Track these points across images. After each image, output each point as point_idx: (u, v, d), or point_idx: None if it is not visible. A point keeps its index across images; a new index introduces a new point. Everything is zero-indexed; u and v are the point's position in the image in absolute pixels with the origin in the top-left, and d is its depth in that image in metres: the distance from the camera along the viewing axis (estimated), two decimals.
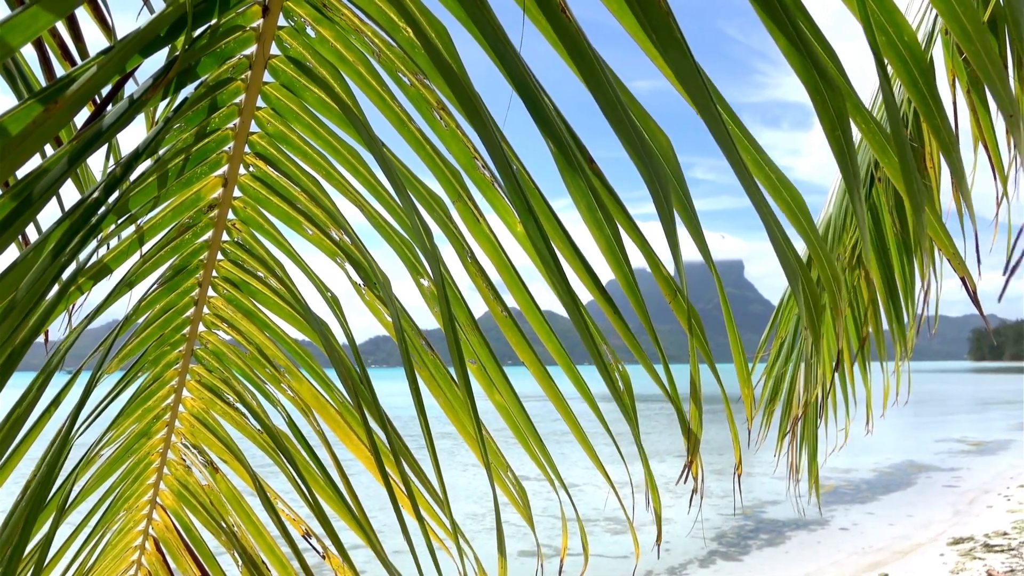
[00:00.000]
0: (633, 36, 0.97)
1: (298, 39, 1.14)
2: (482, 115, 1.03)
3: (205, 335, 1.45)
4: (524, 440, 1.35)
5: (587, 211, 1.09)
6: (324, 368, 1.48)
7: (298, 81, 1.18)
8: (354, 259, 1.34)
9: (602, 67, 0.95)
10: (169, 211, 1.23)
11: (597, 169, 1.08)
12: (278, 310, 1.42)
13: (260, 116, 1.21)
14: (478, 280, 1.27)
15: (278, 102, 1.20)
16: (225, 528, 1.58)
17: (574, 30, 0.95)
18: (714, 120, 0.82)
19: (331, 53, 1.15)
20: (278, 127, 1.23)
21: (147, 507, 1.59)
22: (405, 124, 1.19)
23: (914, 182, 0.86)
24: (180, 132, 1.14)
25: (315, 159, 1.26)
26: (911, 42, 0.85)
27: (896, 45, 0.86)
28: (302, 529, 1.58)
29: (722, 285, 1.14)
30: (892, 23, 0.85)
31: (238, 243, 1.35)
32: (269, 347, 1.45)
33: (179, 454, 1.56)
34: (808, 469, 3.50)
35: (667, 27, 0.88)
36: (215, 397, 1.50)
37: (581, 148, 1.06)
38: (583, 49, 0.95)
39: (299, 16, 1.12)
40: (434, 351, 1.38)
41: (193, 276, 1.35)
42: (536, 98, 0.98)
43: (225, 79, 1.13)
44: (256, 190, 1.29)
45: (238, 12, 1.07)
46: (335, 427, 1.49)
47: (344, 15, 1.12)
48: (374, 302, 1.39)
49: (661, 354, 1.24)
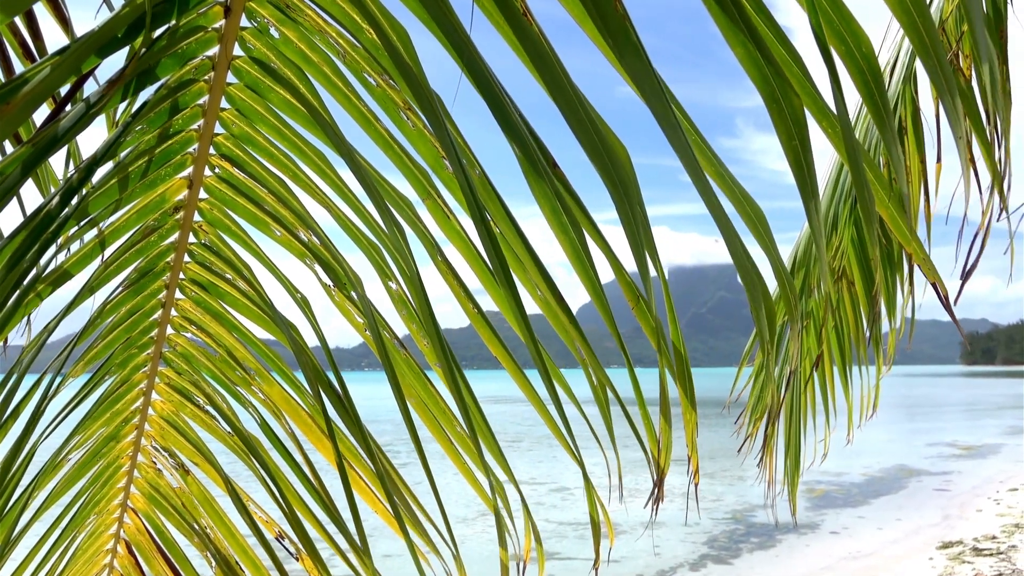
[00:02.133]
0: (594, 41, 0.97)
1: (262, 40, 1.14)
2: (440, 118, 1.03)
3: (174, 338, 1.44)
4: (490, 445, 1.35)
5: (552, 215, 1.09)
6: (295, 370, 1.47)
7: (263, 82, 1.17)
8: (323, 260, 1.34)
9: (563, 71, 0.95)
10: (133, 213, 1.23)
11: (560, 174, 1.08)
12: (247, 312, 1.41)
13: (225, 117, 1.21)
14: (449, 278, 1.27)
15: (243, 103, 1.20)
16: (198, 530, 1.57)
17: (535, 34, 0.96)
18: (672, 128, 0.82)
19: (296, 54, 1.15)
20: (243, 128, 1.22)
21: (118, 510, 1.58)
22: (372, 124, 1.19)
23: (864, 189, 0.86)
24: (142, 134, 1.14)
25: (282, 160, 1.25)
26: (868, 53, 0.86)
27: (854, 55, 0.86)
28: (275, 531, 1.57)
29: (669, 293, 1.14)
30: (850, 32, 0.86)
31: (205, 245, 1.35)
32: (239, 349, 1.45)
33: (149, 457, 1.55)
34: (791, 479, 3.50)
35: (624, 31, 0.88)
36: (185, 400, 1.49)
37: (544, 152, 1.06)
38: (544, 53, 0.95)
39: (262, 17, 1.12)
40: (408, 352, 1.38)
41: (160, 279, 1.34)
42: (500, 101, 0.98)
43: (188, 80, 1.13)
44: (222, 192, 1.29)
45: (199, 13, 1.07)
46: (306, 430, 1.49)
47: (308, 16, 1.11)
48: (344, 303, 1.38)
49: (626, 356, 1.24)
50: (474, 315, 1.27)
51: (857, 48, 0.86)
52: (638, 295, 1.08)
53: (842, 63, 0.87)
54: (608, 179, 0.95)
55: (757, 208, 0.96)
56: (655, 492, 1.24)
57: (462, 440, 1.38)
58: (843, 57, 0.87)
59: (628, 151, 1.00)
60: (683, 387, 1.15)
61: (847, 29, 0.86)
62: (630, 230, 0.94)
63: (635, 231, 0.95)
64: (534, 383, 1.29)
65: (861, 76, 0.87)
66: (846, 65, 0.87)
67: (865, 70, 0.87)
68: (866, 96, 0.86)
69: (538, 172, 1.04)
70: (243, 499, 1.50)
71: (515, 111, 1.01)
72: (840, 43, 0.86)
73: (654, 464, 1.27)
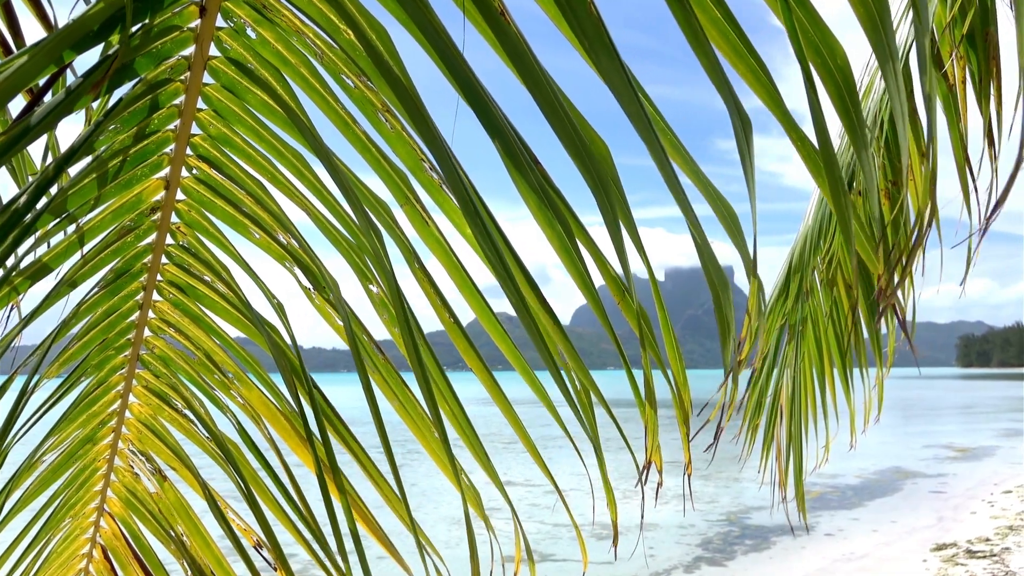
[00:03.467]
0: (570, 41, 0.95)
1: (238, 40, 1.12)
2: (425, 117, 1.01)
3: (151, 340, 1.42)
4: (473, 447, 1.33)
5: (538, 210, 1.07)
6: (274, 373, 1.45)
7: (240, 83, 1.16)
8: (303, 263, 1.32)
9: (542, 70, 0.93)
10: (109, 213, 1.21)
11: (543, 171, 1.06)
12: (226, 315, 1.39)
13: (202, 118, 1.19)
14: (425, 285, 1.26)
15: (220, 104, 1.18)
16: (174, 537, 1.55)
17: (513, 33, 0.94)
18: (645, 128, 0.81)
19: (273, 55, 1.13)
20: (221, 129, 1.20)
21: (94, 514, 1.56)
22: (350, 126, 1.17)
23: (842, 196, 0.85)
24: (117, 133, 1.12)
25: (260, 162, 1.24)
26: (843, 65, 0.85)
27: (828, 66, 0.85)
28: (253, 540, 1.55)
29: (657, 288, 1.12)
30: (826, 45, 0.85)
31: (183, 247, 1.33)
32: (218, 353, 1.43)
33: (127, 461, 1.53)
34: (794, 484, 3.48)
35: (598, 32, 0.86)
36: (163, 403, 1.47)
37: (526, 148, 1.04)
38: (522, 52, 0.93)
39: (239, 17, 1.10)
40: (385, 356, 1.36)
41: (137, 280, 1.32)
42: (480, 98, 0.96)
43: (163, 80, 1.11)
44: (200, 193, 1.27)
45: (174, 12, 1.05)
46: (286, 436, 1.47)
47: (285, 16, 1.10)
48: (324, 306, 1.36)
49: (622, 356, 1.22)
50: (449, 323, 1.25)
51: (832, 60, 0.85)
52: (623, 289, 1.07)
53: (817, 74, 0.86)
54: (588, 176, 0.93)
55: (730, 208, 0.94)
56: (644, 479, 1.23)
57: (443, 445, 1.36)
58: (818, 69, 0.86)
59: (609, 148, 0.99)
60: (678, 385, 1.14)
61: (822, 41, 0.85)
62: (612, 226, 0.93)
63: (615, 227, 0.93)
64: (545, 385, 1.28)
65: (836, 89, 0.86)
66: (821, 77, 0.86)
67: (840, 82, 0.85)
68: (840, 109, 0.85)
69: (520, 167, 1.02)
70: (221, 506, 1.48)
71: (496, 107, 0.99)
72: (815, 54, 0.85)
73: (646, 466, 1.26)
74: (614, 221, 0.90)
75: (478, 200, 1.15)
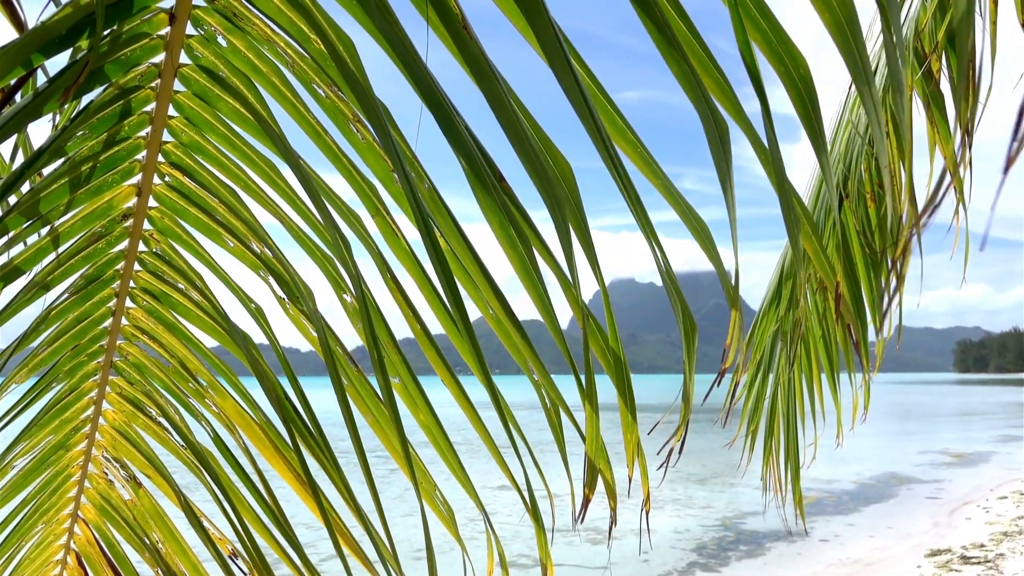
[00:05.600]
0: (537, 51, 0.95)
1: (209, 48, 1.12)
2: (385, 127, 1.00)
3: (125, 347, 1.41)
4: (446, 457, 1.33)
5: (500, 228, 1.07)
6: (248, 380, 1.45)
7: (211, 91, 1.15)
8: (276, 272, 1.31)
9: (503, 86, 0.93)
10: (79, 219, 1.20)
11: (507, 187, 1.06)
12: (200, 323, 1.38)
13: (173, 125, 1.18)
14: (397, 295, 1.25)
15: (191, 111, 1.17)
16: (149, 545, 1.54)
17: (475, 48, 0.93)
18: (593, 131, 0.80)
19: (244, 63, 1.13)
20: (193, 137, 1.20)
21: (68, 521, 1.55)
22: (321, 136, 1.17)
23: (791, 210, 0.84)
24: (86, 139, 1.11)
25: (232, 170, 1.23)
26: (806, 75, 0.84)
27: (793, 77, 0.84)
28: (228, 548, 1.54)
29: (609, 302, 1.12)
30: (788, 55, 0.84)
31: (157, 254, 1.32)
32: (192, 361, 1.42)
33: (101, 468, 1.52)
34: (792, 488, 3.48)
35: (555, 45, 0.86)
36: (137, 411, 1.46)
37: (491, 166, 1.04)
38: (484, 68, 0.93)
39: (209, 25, 1.10)
40: (358, 367, 1.35)
41: (109, 286, 1.31)
42: (447, 114, 0.96)
43: (133, 87, 1.10)
44: (173, 200, 1.26)
45: (143, 19, 1.05)
46: (260, 445, 1.46)
47: (255, 25, 1.09)
48: (298, 316, 1.36)
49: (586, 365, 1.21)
50: (420, 333, 1.25)
51: (795, 70, 0.84)
52: (584, 312, 1.06)
53: (781, 83, 0.86)
54: (544, 193, 0.93)
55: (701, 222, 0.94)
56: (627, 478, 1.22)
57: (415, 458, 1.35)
58: (782, 78, 0.86)
59: (571, 167, 0.98)
60: (623, 395, 1.14)
61: (785, 51, 0.84)
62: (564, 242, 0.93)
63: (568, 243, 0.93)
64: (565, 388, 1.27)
65: (799, 98, 0.85)
66: (785, 86, 0.86)
67: (803, 91, 0.85)
68: (803, 117, 0.85)
69: (485, 186, 1.02)
70: (196, 514, 1.48)
71: (462, 124, 0.99)
72: (779, 64, 0.85)
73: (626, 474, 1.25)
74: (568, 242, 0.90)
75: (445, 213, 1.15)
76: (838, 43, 0.87)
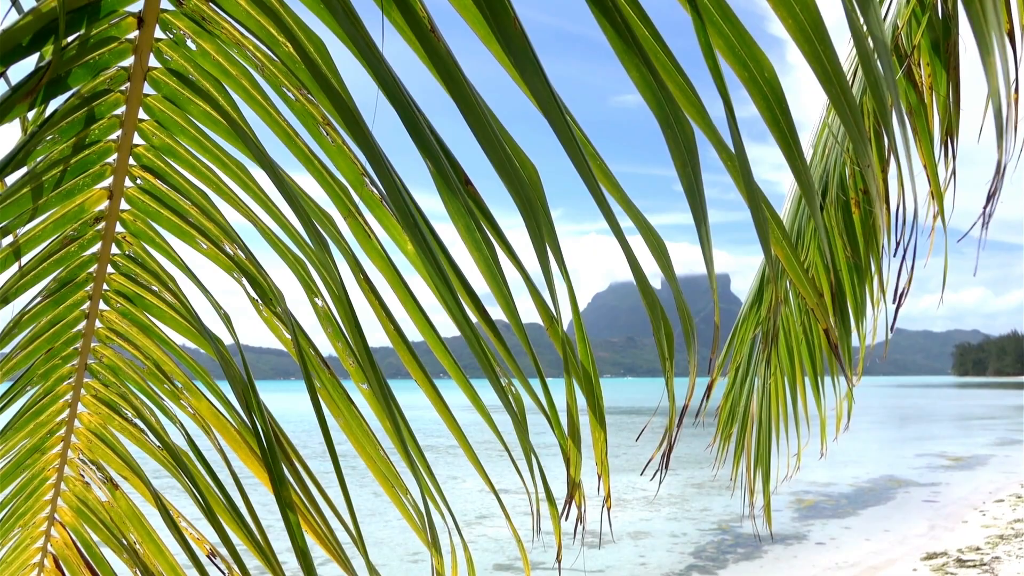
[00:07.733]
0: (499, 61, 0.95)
1: (179, 52, 1.12)
2: (364, 131, 1.01)
3: (99, 349, 1.41)
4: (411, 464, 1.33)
5: (466, 231, 1.07)
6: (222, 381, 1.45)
7: (181, 94, 1.15)
8: (249, 275, 1.31)
9: (471, 89, 0.93)
10: (50, 223, 1.20)
11: (473, 191, 1.06)
12: (174, 325, 1.39)
13: (144, 128, 1.19)
14: (371, 297, 1.25)
15: (162, 114, 1.17)
16: (126, 546, 1.54)
17: (443, 51, 0.94)
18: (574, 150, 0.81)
19: (214, 66, 1.13)
20: (164, 140, 1.20)
21: (45, 523, 1.55)
22: (292, 139, 1.17)
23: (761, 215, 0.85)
24: (55, 143, 1.11)
25: (204, 173, 1.23)
26: (771, 78, 0.84)
27: (757, 82, 0.85)
28: (206, 549, 1.54)
29: (577, 309, 1.12)
30: (753, 59, 0.84)
31: (129, 256, 1.32)
32: (167, 363, 1.42)
33: (77, 470, 1.52)
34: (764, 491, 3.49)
35: (524, 51, 0.86)
36: (113, 413, 1.46)
37: (457, 169, 1.04)
38: (453, 71, 0.93)
39: (178, 29, 1.10)
40: (331, 370, 1.36)
41: (82, 289, 1.32)
42: (414, 118, 0.96)
43: (102, 91, 1.11)
44: (145, 203, 1.27)
45: (111, 24, 1.05)
46: (235, 447, 1.46)
47: (224, 28, 1.10)
48: (272, 319, 1.36)
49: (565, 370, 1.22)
50: (393, 334, 1.25)
51: (760, 74, 0.84)
52: (551, 316, 1.07)
53: (746, 89, 0.86)
54: (516, 196, 0.93)
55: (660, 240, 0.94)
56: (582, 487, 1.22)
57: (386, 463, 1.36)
58: (746, 83, 0.86)
59: (537, 170, 0.99)
60: (591, 403, 1.14)
61: (749, 55, 0.84)
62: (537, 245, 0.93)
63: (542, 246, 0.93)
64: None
65: (765, 102, 0.86)
66: (750, 91, 0.86)
67: (769, 96, 0.85)
68: (770, 122, 0.85)
69: (451, 189, 1.02)
70: (173, 515, 1.48)
71: (428, 128, 0.99)
72: (743, 69, 0.85)
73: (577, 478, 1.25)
74: (540, 243, 0.90)
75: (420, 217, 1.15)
76: (804, 51, 0.87)
